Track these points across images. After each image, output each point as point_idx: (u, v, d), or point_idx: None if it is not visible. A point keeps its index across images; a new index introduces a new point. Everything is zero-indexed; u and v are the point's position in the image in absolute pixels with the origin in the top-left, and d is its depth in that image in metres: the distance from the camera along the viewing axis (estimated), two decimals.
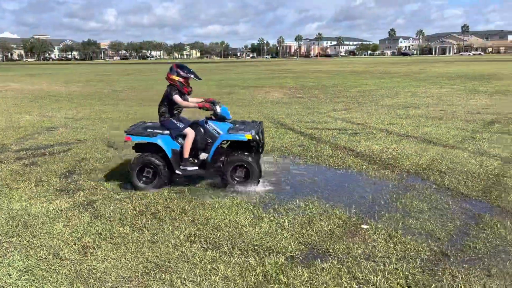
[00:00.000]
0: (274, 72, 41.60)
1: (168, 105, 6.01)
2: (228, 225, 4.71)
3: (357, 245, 4.17)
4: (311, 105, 15.41)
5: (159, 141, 5.83)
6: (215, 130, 6.00)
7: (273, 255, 3.99)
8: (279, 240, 4.31)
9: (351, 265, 3.80)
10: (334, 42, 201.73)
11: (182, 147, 5.96)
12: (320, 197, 5.56)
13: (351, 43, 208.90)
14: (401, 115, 12.34)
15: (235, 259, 3.95)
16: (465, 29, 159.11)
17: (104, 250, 4.16)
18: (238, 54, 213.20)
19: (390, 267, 3.75)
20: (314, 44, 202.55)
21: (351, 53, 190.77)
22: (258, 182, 5.96)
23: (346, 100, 16.72)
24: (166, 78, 6.01)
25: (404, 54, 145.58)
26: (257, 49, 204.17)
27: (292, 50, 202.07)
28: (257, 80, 29.82)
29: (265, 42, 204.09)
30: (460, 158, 7.28)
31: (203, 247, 4.20)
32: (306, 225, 4.68)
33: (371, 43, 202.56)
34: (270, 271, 3.71)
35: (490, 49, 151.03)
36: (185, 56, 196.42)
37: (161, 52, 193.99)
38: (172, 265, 3.86)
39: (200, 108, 5.94)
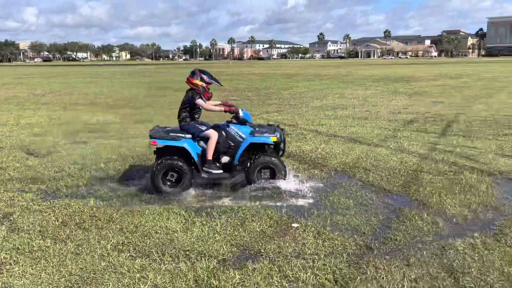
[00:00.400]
0: None
1: (189, 110, 5.97)
2: (159, 231, 4.59)
3: (287, 244, 4.26)
4: (244, 107, 15.49)
5: (185, 145, 5.79)
6: (237, 133, 6.05)
7: (205, 259, 3.95)
8: (211, 244, 4.28)
9: (282, 264, 3.86)
10: (267, 45, 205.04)
11: (204, 150, 5.93)
12: (252, 198, 5.60)
13: (283, 46, 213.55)
14: (329, 116, 12.83)
15: (166, 266, 3.85)
16: (387, 34, 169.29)
17: (22, 265, 3.87)
18: (171, 56, 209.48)
19: (319, 263, 3.87)
20: (247, 46, 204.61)
21: (283, 56, 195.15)
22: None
23: (278, 102, 17.06)
24: (187, 83, 5.96)
25: (341, 57, 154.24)
26: (190, 51, 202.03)
27: (225, 53, 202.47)
28: None
29: (198, 44, 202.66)
30: (383, 156, 7.71)
31: (132, 256, 4.05)
32: (239, 227, 4.69)
33: (302, 46, 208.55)
34: (201, 275, 3.67)
35: (409, 53, 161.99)
36: (114, 58, 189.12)
37: (88, 53, 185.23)
38: (98, 276, 3.68)
39: (226, 111, 5.97)
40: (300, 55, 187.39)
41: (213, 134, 5.88)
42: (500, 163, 7.09)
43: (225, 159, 6.05)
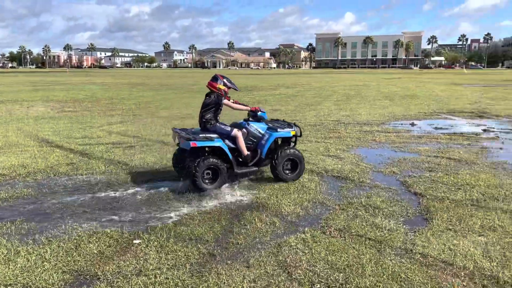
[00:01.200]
0: (38, 84, 37.34)
1: (213, 112, 6.39)
2: None
3: (128, 262, 4.04)
4: (83, 119, 14.40)
5: (220, 144, 6.17)
6: (257, 130, 6.67)
7: None
8: (38, 274, 3.80)
9: (121, 284, 3.65)
10: (109, 53, 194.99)
11: (230, 148, 6.32)
12: (89, 218, 5.18)
13: (127, 54, 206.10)
14: (177, 126, 12.74)
15: None
16: (231, 46, 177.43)
17: None
18: None
19: (161, 277, 3.76)
20: (86, 54, 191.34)
21: (127, 64, 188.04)
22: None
23: (122, 112, 16.31)
24: (209, 87, 6.44)
25: (203, 67, 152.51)
26: (18, 58, 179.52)
27: (62, 60, 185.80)
28: (17, 93, 26.16)
29: (28, 50, 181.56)
30: None
31: None
32: (73, 251, 4.28)
33: (147, 55, 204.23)
34: None
35: (252, 64, 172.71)
36: None
37: None
38: None
39: (252, 111, 6.79)
40: (146, 64, 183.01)
41: (239, 133, 6.41)
42: (327, 163, 8.00)
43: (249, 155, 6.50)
